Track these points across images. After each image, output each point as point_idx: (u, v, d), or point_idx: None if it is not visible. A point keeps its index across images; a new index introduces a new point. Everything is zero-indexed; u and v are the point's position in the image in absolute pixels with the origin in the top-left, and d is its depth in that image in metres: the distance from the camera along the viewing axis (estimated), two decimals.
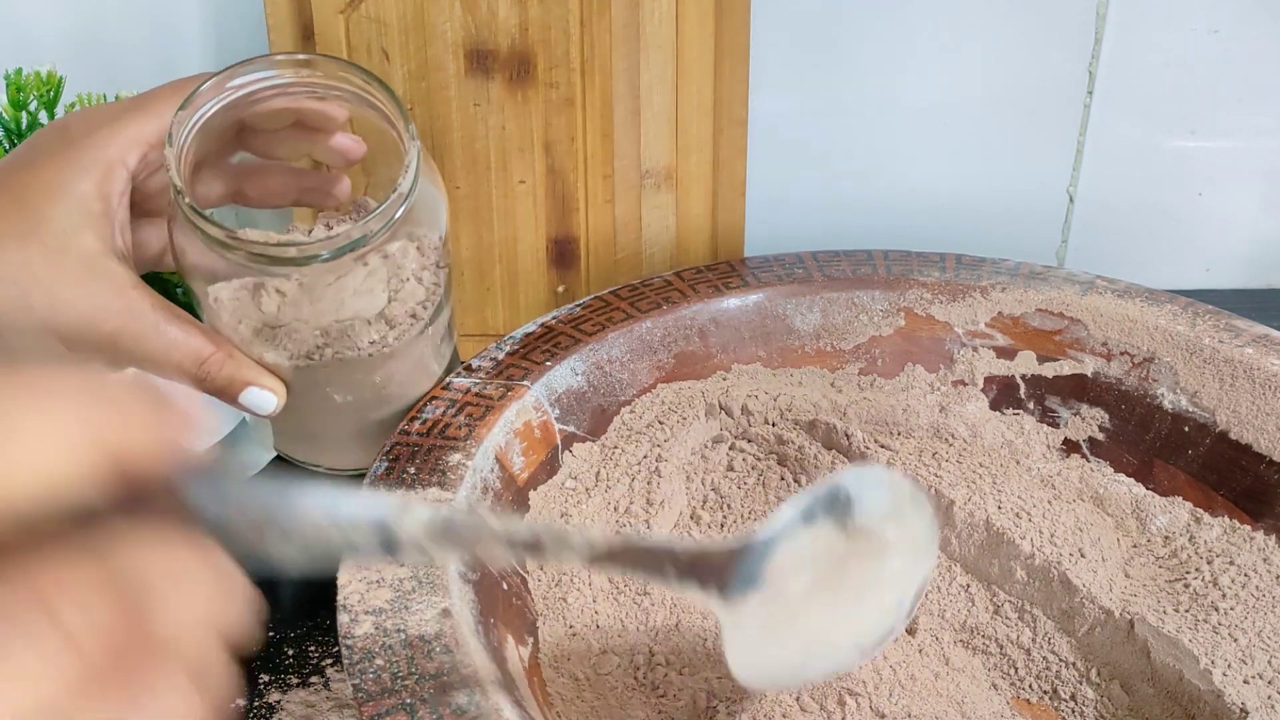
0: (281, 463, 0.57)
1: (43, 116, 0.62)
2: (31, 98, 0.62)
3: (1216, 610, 0.50)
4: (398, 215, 0.47)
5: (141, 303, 0.46)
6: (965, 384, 0.63)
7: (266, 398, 0.49)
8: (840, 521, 0.40)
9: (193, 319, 0.48)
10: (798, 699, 0.50)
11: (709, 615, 0.54)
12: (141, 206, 0.50)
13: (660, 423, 0.59)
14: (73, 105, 0.62)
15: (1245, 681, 0.47)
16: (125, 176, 0.47)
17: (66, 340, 0.46)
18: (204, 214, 0.46)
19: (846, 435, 0.59)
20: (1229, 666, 0.48)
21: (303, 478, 0.30)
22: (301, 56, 0.50)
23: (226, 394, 0.49)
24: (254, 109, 0.50)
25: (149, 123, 0.48)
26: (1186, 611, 0.51)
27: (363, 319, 0.49)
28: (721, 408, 0.60)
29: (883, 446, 0.59)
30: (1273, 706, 0.47)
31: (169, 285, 0.60)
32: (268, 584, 0.58)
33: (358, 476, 0.57)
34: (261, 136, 0.52)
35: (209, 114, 0.47)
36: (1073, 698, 0.51)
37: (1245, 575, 0.52)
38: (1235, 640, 0.49)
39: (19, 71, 0.61)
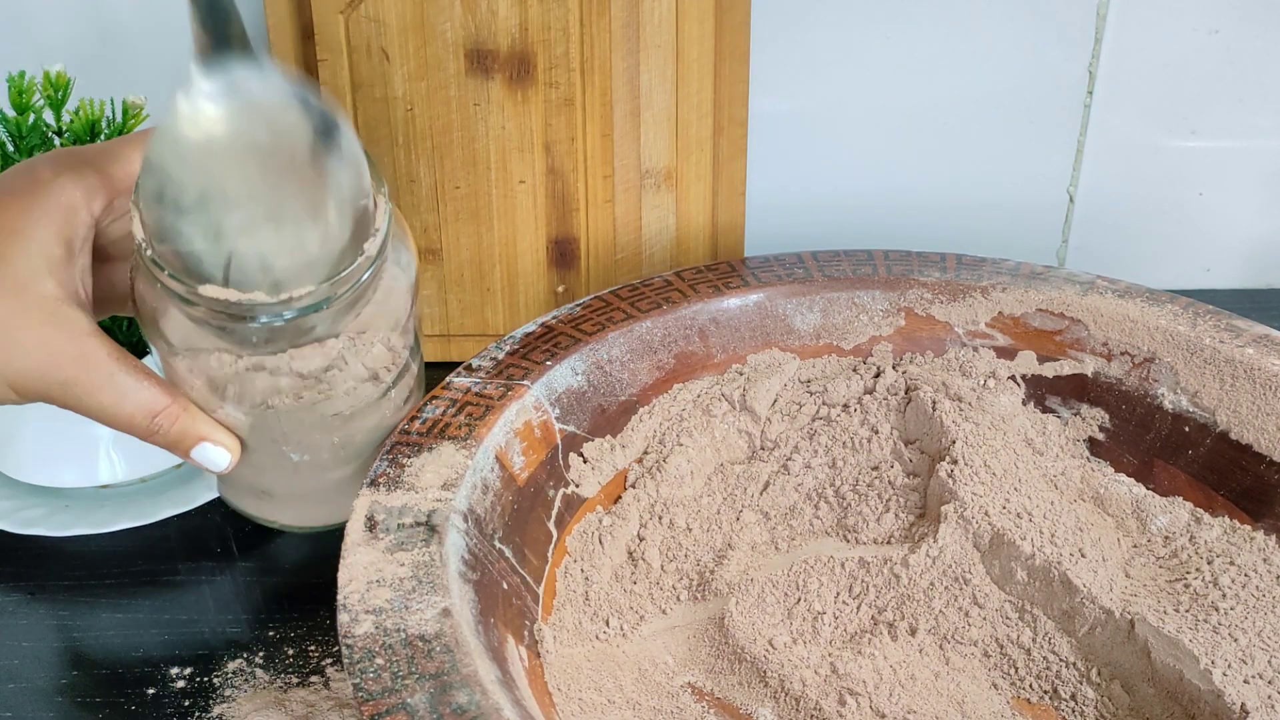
0: None
1: (48, 116, 0.62)
2: (36, 98, 0.62)
3: (1217, 610, 0.50)
4: (364, 279, 0.46)
5: (97, 352, 0.45)
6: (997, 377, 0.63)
7: (220, 454, 0.48)
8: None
9: (149, 370, 0.47)
10: (798, 699, 0.50)
11: (712, 616, 0.54)
12: (107, 251, 0.49)
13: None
14: (77, 111, 0.62)
15: (1245, 681, 0.47)
16: (89, 222, 0.47)
17: (18, 386, 0.45)
18: (164, 267, 0.44)
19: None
20: (1229, 666, 0.48)
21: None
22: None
23: (178, 449, 0.48)
24: None
25: (116, 169, 0.47)
26: (1187, 611, 0.51)
27: (322, 380, 0.48)
28: (744, 407, 0.60)
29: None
30: (1273, 706, 0.47)
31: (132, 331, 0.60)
32: (268, 585, 0.58)
33: (311, 534, 0.57)
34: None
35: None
36: (1073, 697, 0.51)
37: (1245, 575, 0.52)
38: (1235, 640, 0.49)
39: (22, 74, 0.61)
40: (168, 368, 0.48)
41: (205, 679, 0.53)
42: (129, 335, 0.62)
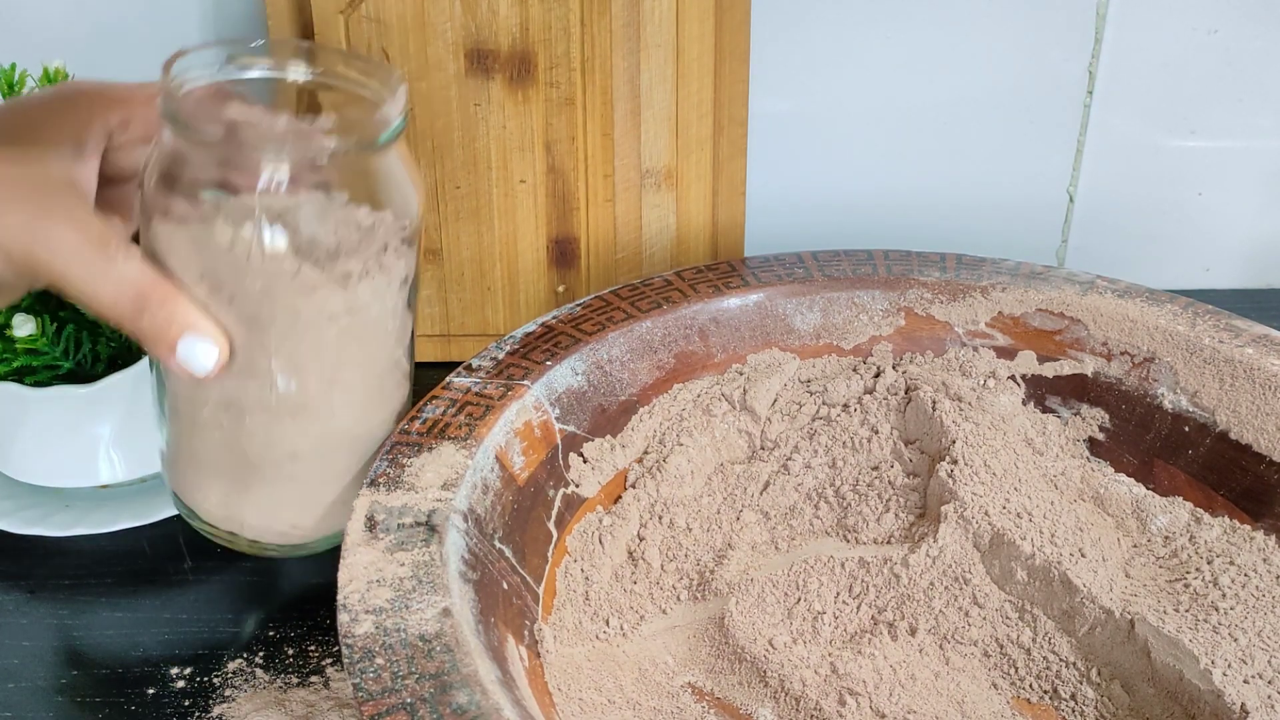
0: None
1: None
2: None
3: (1216, 610, 0.50)
4: (396, 130, 0.46)
5: (90, 223, 0.44)
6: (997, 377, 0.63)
7: (207, 349, 0.45)
8: None
9: (140, 252, 0.45)
10: (798, 699, 0.50)
11: (712, 616, 0.54)
12: (112, 188, 0.49)
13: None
14: None
15: (1245, 681, 0.47)
16: (103, 131, 0.47)
17: (4, 247, 0.43)
18: (187, 102, 0.44)
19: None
20: (1229, 666, 0.48)
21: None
22: (304, 45, 0.48)
23: (164, 339, 0.45)
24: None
25: (138, 93, 0.48)
26: (1187, 611, 0.51)
27: (331, 264, 0.46)
28: (745, 407, 0.60)
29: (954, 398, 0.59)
30: (1273, 706, 0.47)
31: None
32: (269, 585, 0.58)
33: (278, 557, 0.53)
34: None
35: (199, 80, 0.46)
36: (1073, 697, 0.51)
37: (1245, 575, 0.52)
38: (1235, 640, 0.49)
39: (13, 67, 0.61)
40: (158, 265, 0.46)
41: (205, 679, 0.53)
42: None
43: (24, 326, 0.57)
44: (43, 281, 0.45)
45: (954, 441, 0.57)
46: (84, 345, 0.60)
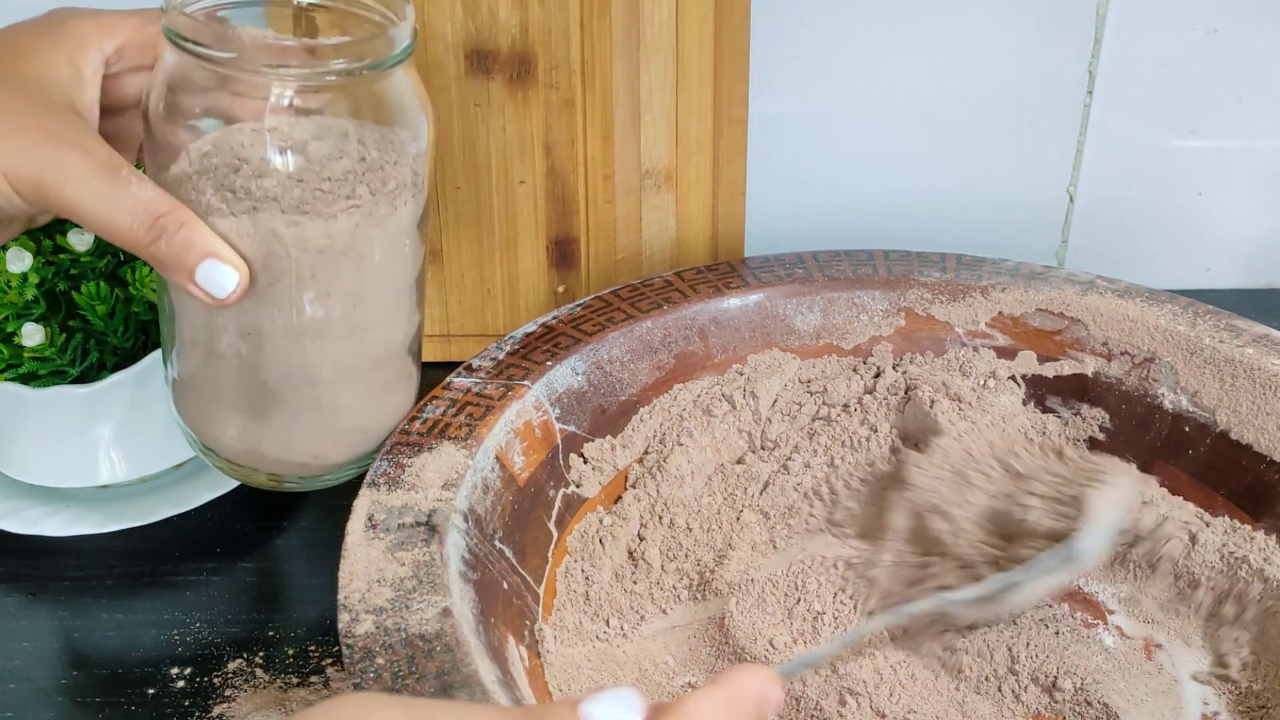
0: None
1: None
2: None
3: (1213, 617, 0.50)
4: (405, 48, 0.45)
5: (99, 149, 0.43)
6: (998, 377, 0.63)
7: (228, 274, 0.43)
8: None
9: (149, 179, 0.44)
10: (798, 699, 0.50)
11: (712, 616, 0.54)
12: (111, 118, 0.48)
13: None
14: None
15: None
16: (99, 58, 0.46)
17: (12, 177, 0.42)
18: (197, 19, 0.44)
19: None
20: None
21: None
22: None
23: (183, 264, 0.43)
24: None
25: (132, 20, 0.47)
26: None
27: (342, 185, 0.45)
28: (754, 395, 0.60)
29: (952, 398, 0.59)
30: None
31: None
32: (269, 585, 0.58)
33: (303, 483, 0.53)
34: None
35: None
36: (1072, 698, 0.51)
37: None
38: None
39: None
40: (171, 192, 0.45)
41: (205, 679, 0.53)
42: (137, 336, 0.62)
43: (33, 336, 0.57)
44: (53, 210, 0.44)
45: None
46: (91, 355, 0.60)
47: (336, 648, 0.54)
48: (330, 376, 0.49)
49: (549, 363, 0.57)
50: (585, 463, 0.57)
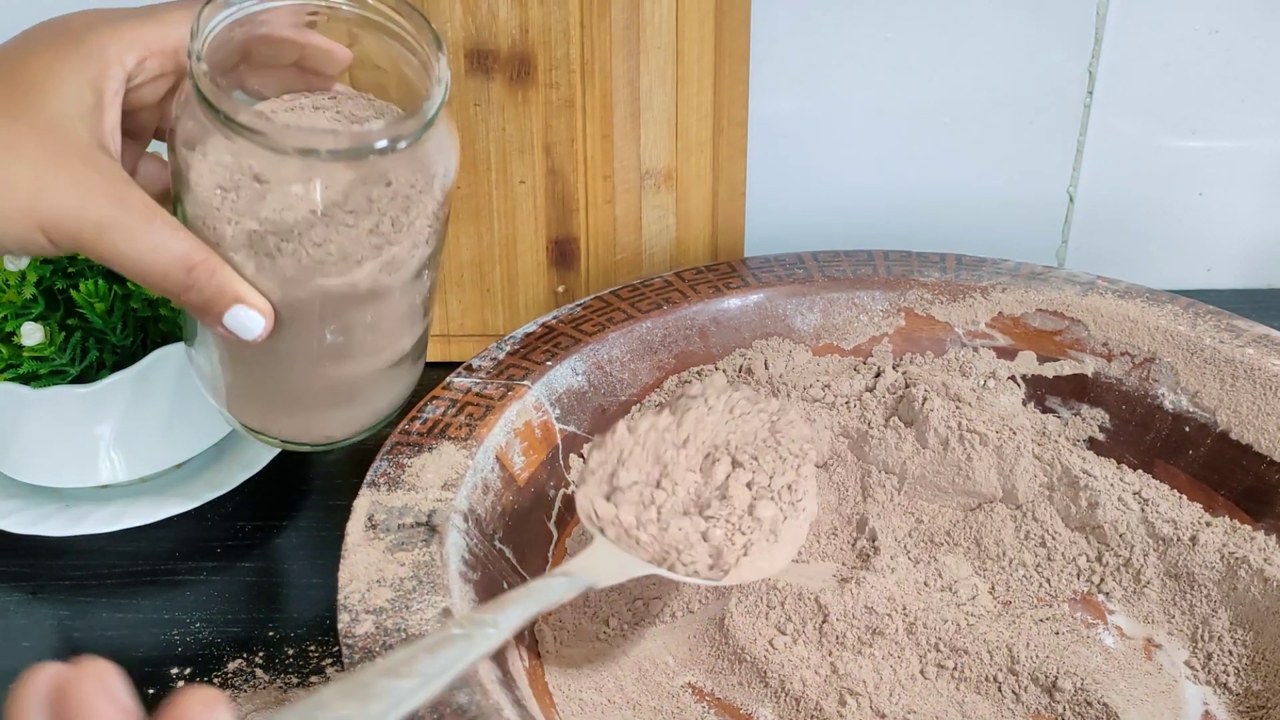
0: None
1: None
2: None
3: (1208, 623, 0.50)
4: (440, 104, 0.45)
5: (133, 195, 0.44)
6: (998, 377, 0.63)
7: (254, 318, 0.45)
8: None
9: (182, 225, 0.45)
10: (798, 699, 0.50)
11: (712, 616, 0.54)
12: (129, 119, 0.48)
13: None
14: None
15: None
16: (121, 76, 0.45)
17: (49, 227, 0.43)
18: (223, 87, 0.43)
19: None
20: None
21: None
22: None
23: (213, 309, 0.45)
24: (264, 34, 0.48)
25: (152, 29, 0.46)
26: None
27: (368, 238, 0.46)
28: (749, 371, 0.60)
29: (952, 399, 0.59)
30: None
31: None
32: (268, 585, 0.58)
33: (317, 450, 0.54)
34: (262, 71, 0.50)
35: (231, 18, 0.46)
36: (1072, 698, 0.51)
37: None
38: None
39: None
40: (204, 232, 0.46)
41: (205, 679, 0.53)
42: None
43: (33, 336, 0.57)
44: (87, 256, 0.45)
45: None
46: (90, 354, 0.60)
47: (336, 648, 0.54)
48: (346, 385, 0.50)
49: (549, 363, 0.57)
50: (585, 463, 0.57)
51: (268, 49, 0.48)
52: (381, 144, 0.44)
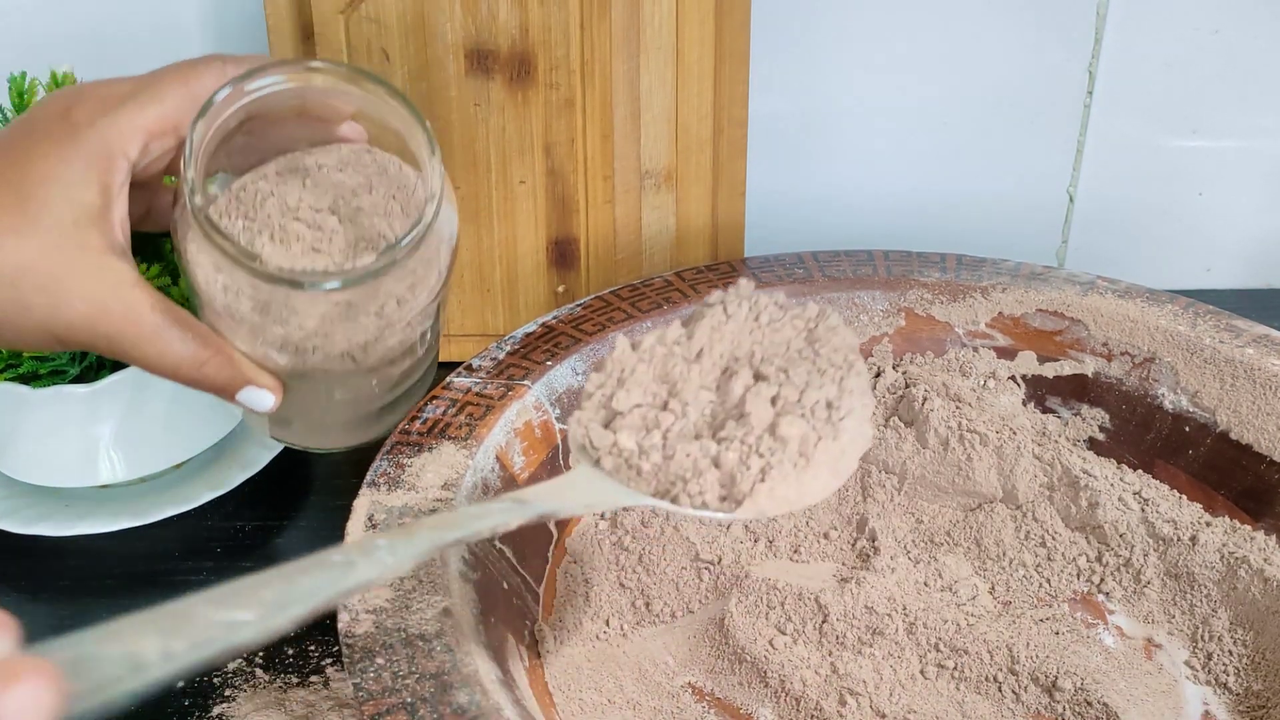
0: None
1: None
2: (41, 96, 0.61)
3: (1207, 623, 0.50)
4: (418, 246, 0.46)
5: (142, 304, 0.45)
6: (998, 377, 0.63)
7: (264, 396, 0.48)
8: None
9: (193, 320, 0.47)
10: (798, 699, 0.50)
11: (712, 616, 0.54)
12: (141, 178, 0.48)
13: None
14: None
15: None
16: (126, 168, 0.46)
17: (64, 338, 0.45)
18: (223, 230, 0.44)
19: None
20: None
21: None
22: (317, 65, 0.48)
23: (225, 393, 0.48)
24: (263, 103, 0.49)
25: (152, 109, 0.46)
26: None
27: (362, 343, 0.48)
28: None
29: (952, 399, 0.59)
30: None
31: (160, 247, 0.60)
32: None
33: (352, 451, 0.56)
34: (263, 122, 0.50)
35: (222, 119, 0.46)
36: (1072, 698, 0.51)
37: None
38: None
39: (23, 75, 0.61)
40: (209, 315, 0.47)
41: (205, 679, 0.53)
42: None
43: None
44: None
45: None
46: (90, 353, 0.60)
47: (336, 648, 0.54)
48: (345, 424, 0.52)
49: (549, 363, 0.57)
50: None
51: (269, 107, 0.48)
52: (376, 268, 0.44)
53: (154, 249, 0.59)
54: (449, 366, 0.59)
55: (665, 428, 0.41)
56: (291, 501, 0.64)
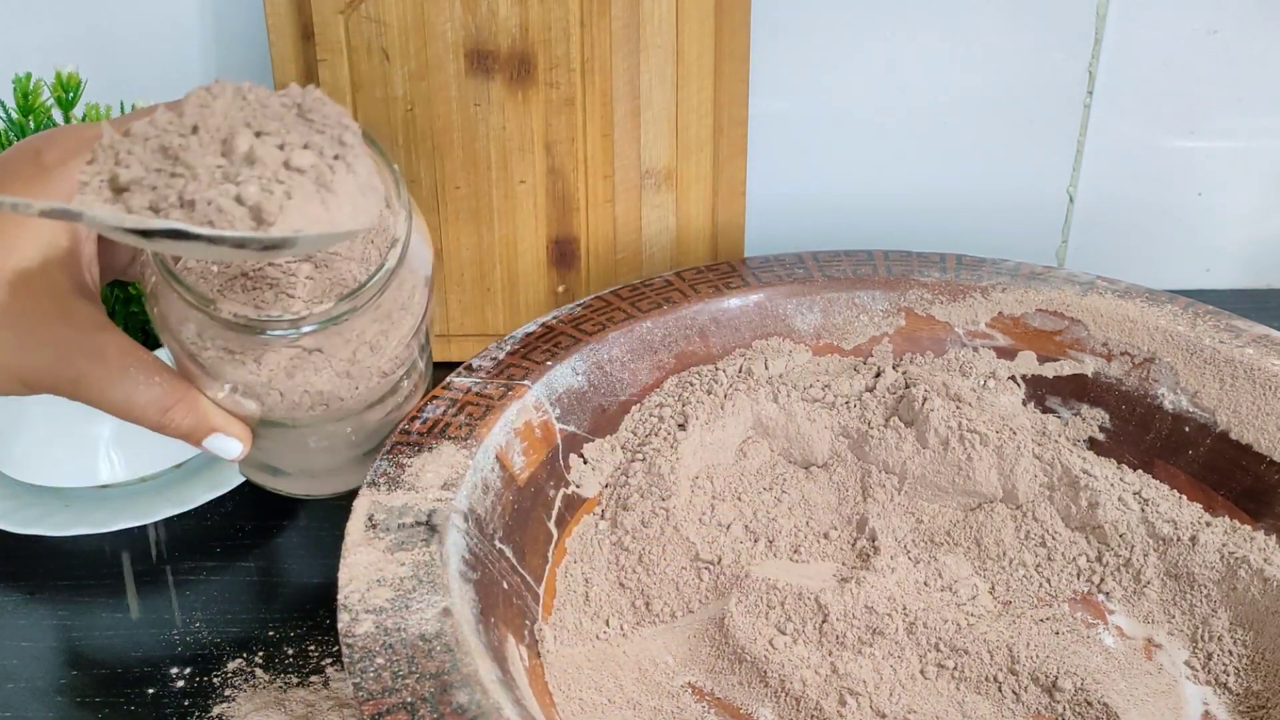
0: None
1: (57, 115, 0.62)
2: (45, 96, 0.61)
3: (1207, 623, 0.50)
4: (383, 290, 0.46)
5: (108, 347, 0.45)
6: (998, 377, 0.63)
7: (231, 444, 0.48)
8: None
9: (160, 364, 0.47)
10: (798, 699, 0.50)
11: (712, 616, 0.54)
12: None
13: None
14: (84, 116, 0.62)
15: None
16: None
17: (29, 382, 0.45)
18: (182, 280, 0.44)
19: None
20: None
21: None
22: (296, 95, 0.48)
23: (191, 440, 0.47)
24: None
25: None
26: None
27: (335, 394, 0.48)
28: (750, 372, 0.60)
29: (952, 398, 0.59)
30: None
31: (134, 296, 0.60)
32: (268, 585, 0.58)
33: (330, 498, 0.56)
34: None
35: None
36: (1072, 698, 0.51)
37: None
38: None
39: (28, 76, 0.61)
40: (179, 360, 0.48)
41: (205, 679, 0.53)
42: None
43: None
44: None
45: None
46: None
47: (336, 648, 0.54)
48: (324, 469, 0.53)
49: (549, 362, 0.57)
50: (585, 463, 0.57)
51: None
52: (335, 314, 0.44)
53: None
54: (449, 366, 0.59)
55: (179, 190, 0.39)
56: (291, 501, 0.64)
